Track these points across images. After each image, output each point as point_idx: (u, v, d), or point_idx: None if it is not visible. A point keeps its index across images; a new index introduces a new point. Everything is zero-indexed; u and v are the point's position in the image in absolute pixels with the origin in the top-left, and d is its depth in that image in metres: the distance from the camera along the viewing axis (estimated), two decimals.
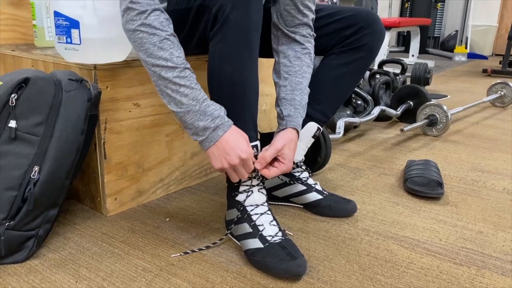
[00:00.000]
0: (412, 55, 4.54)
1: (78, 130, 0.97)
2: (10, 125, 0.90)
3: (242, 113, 0.97)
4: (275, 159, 1.03)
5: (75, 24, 1.02)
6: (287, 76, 1.13)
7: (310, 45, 1.16)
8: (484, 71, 4.12)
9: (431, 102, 2.04)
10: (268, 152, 1.00)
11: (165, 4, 0.90)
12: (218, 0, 0.90)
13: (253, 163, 0.97)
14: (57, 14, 1.04)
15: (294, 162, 1.23)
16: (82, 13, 1.01)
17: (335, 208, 1.19)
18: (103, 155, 1.12)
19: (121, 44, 1.08)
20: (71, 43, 1.04)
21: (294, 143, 1.06)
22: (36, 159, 0.91)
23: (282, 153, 1.02)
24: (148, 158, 1.24)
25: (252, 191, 1.01)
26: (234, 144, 0.92)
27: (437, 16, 5.74)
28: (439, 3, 5.70)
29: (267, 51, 1.27)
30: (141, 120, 1.20)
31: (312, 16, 1.15)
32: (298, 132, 1.09)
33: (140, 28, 0.88)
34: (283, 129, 1.07)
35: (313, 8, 1.16)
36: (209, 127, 0.91)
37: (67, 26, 1.03)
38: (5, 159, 0.90)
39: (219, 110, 0.92)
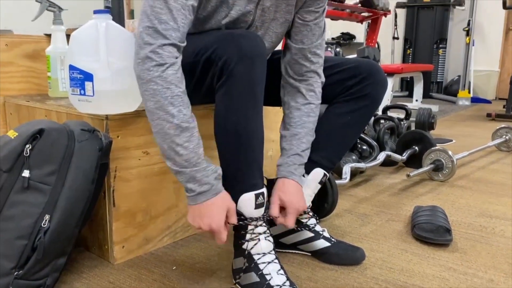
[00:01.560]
0: (416, 100, 4.60)
1: (89, 179, 0.99)
2: (23, 174, 0.93)
3: (248, 162, 1.00)
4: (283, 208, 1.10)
5: (89, 77, 1.06)
6: (288, 127, 1.19)
7: (314, 95, 1.20)
8: (488, 115, 4.15)
9: (436, 147, 2.05)
10: (271, 210, 1.11)
11: (181, 57, 0.94)
12: (224, 55, 0.94)
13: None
14: (72, 68, 1.09)
15: None
16: (96, 67, 1.06)
17: (344, 256, 1.18)
18: (112, 203, 1.14)
19: (133, 95, 1.12)
20: (84, 94, 1.08)
21: (290, 188, 1.14)
22: (47, 208, 0.93)
23: (284, 201, 1.11)
24: (155, 205, 1.25)
25: (259, 239, 1.01)
26: (211, 213, 0.95)
27: (439, 61, 5.86)
28: (441, 49, 5.84)
29: (274, 100, 1.31)
30: (150, 167, 1.22)
31: (321, 62, 1.20)
32: (291, 179, 1.15)
33: (156, 80, 0.90)
34: (276, 180, 1.16)
35: (322, 54, 1.20)
36: (195, 191, 0.95)
37: (81, 79, 1.07)
38: (17, 208, 0.91)
39: (210, 176, 0.95)
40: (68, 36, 1.36)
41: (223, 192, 0.97)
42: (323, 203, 1.47)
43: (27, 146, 0.94)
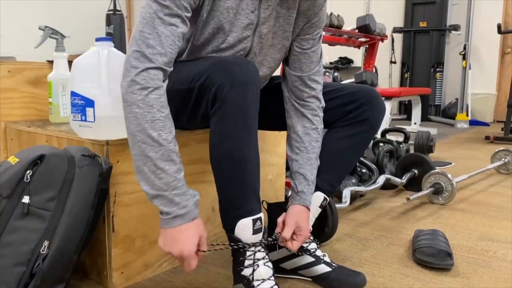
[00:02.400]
0: (415, 123, 4.63)
1: (88, 205, 0.99)
2: (23, 200, 0.93)
3: (244, 187, 1.00)
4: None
5: (90, 103, 1.07)
6: (299, 151, 1.20)
7: (318, 119, 1.22)
8: (487, 138, 4.17)
9: (436, 170, 2.06)
10: (286, 232, 1.11)
11: (166, 82, 0.95)
12: (217, 81, 0.96)
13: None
14: (73, 94, 1.10)
15: None
16: (97, 93, 1.08)
17: (345, 281, 1.17)
18: (111, 228, 1.13)
19: None
20: (85, 120, 1.09)
21: (306, 215, 1.17)
22: (46, 234, 0.93)
23: (297, 227, 1.12)
24: (155, 230, 1.24)
25: (258, 265, 1.00)
26: (184, 239, 0.93)
27: (437, 85, 5.91)
28: (438, 73, 5.90)
29: (274, 125, 1.33)
30: None
31: (320, 88, 1.22)
32: (308, 208, 1.18)
33: (138, 103, 0.90)
34: (294, 205, 1.16)
35: (321, 81, 1.23)
36: (171, 213, 0.92)
37: (82, 105, 1.09)
38: (16, 235, 0.91)
39: (189, 200, 0.94)
40: (70, 62, 1.39)
41: (198, 219, 0.96)
42: (323, 227, 1.46)
43: (28, 172, 0.94)
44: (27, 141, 1.39)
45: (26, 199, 0.93)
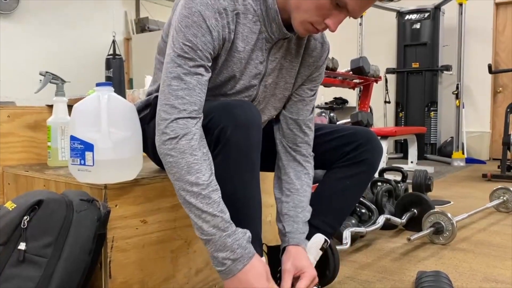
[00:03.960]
0: (411, 162, 4.65)
1: (86, 251, 0.97)
2: (19, 247, 0.91)
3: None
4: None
5: (89, 147, 1.08)
6: (289, 193, 1.19)
7: (310, 166, 1.23)
8: (484, 176, 4.18)
9: (435, 210, 2.05)
10: (285, 282, 1.07)
11: (198, 126, 0.97)
12: (220, 123, 0.97)
13: None
14: (73, 138, 1.10)
15: None
16: (97, 137, 1.08)
17: None
18: (108, 275, 1.11)
19: (132, 163, 1.13)
20: (84, 164, 1.09)
21: (301, 253, 1.13)
22: (42, 282, 0.90)
23: (296, 269, 1.09)
24: (152, 276, 1.22)
25: None
26: (253, 279, 0.93)
27: (432, 123, 5.98)
28: (432, 112, 5.98)
29: (273, 166, 1.33)
30: (147, 236, 1.20)
31: (312, 135, 1.24)
32: (301, 246, 1.15)
33: (171, 153, 0.93)
34: (286, 247, 1.14)
35: (313, 128, 1.25)
36: (228, 259, 0.92)
37: (81, 149, 1.09)
38: (11, 283, 0.89)
39: (240, 239, 0.93)
40: (69, 106, 1.40)
41: (256, 255, 0.96)
42: (324, 270, 1.43)
43: (25, 217, 0.93)
44: (24, 185, 1.39)
45: (22, 246, 0.91)
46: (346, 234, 1.71)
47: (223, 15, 1.00)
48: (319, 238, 1.22)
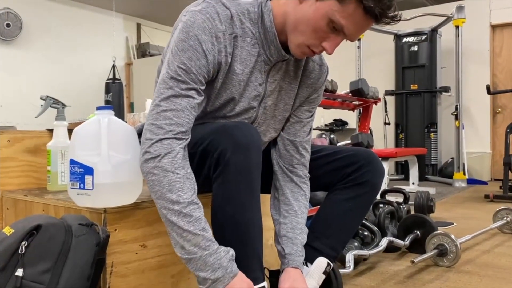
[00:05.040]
0: (413, 183, 4.63)
1: (84, 276, 0.95)
2: (17, 273, 0.90)
3: (247, 254, 0.98)
4: None
5: (89, 170, 1.07)
6: (287, 214, 1.18)
7: (306, 187, 1.23)
8: (486, 196, 4.15)
9: (438, 232, 2.02)
10: None
11: (181, 146, 0.97)
12: (219, 145, 0.97)
13: None
14: (72, 162, 1.10)
15: None
16: (97, 160, 1.07)
17: None
18: None
19: (132, 187, 1.12)
20: (84, 188, 1.08)
21: (301, 277, 1.12)
22: None
23: None
24: None
25: None
26: None
27: (432, 144, 5.97)
28: (432, 133, 5.99)
29: (268, 187, 1.32)
30: (147, 261, 1.18)
31: (308, 157, 1.24)
32: (300, 269, 1.13)
33: (153, 171, 0.93)
34: (285, 269, 1.12)
35: (309, 150, 1.26)
36: (209, 279, 0.91)
37: (81, 173, 1.08)
38: None
39: (222, 259, 0.92)
40: (69, 130, 1.40)
41: (239, 273, 0.94)
42: None
43: (23, 243, 0.92)
44: (23, 210, 1.37)
45: (19, 272, 0.89)
46: (349, 257, 1.68)
47: (220, 39, 1.01)
48: (322, 262, 1.20)
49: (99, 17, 6.64)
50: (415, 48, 5.91)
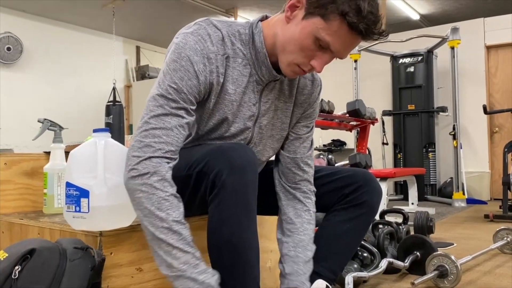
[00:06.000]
0: (412, 203, 4.61)
1: None
2: None
3: (244, 277, 0.97)
4: None
5: (85, 193, 1.07)
6: (290, 233, 1.17)
7: (310, 202, 1.21)
8: (486, 216, 4.13)
9: (439, 252, 2.00)
10: None
11: (169, 165, 0.97)
12: (215, 167, 0.97)
13: None
14: (68, 185, 1.09)
15: None
16: (93, 183, 1.07)
17: None
18: None
19: (128, 209, 1.11)
20: (79, 211, 1.08)
21: None
22: None
23: None
24: None
25: None
26: None
27: (431, 164, 5.97)
28: (430, 153, 5.99)
29: (271, 209, 1.31)
30: (143, 285, 1.16)
31: (311, 172, 1.23)
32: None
33: (140, 188, 0.92)
34: None
35: (312, 164, 1.24)
36: None
37: (77, 195, 1.08)
38: None
39: (210, 279, 0.91)
40: (66, 153, 1.40)
41: None
42: None
43: (16, 267, 0.90)
44: (18, 234, 1.36)
45: None
46: (348, 280, 1.66)
47: (211, 60, 1.02)
48: (320, 284, 1.19)
49: (99, 40, 6.72)
50: (412, 69, 5.97)
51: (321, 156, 4.30)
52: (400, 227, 2.47)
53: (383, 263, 1.93)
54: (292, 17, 1.01)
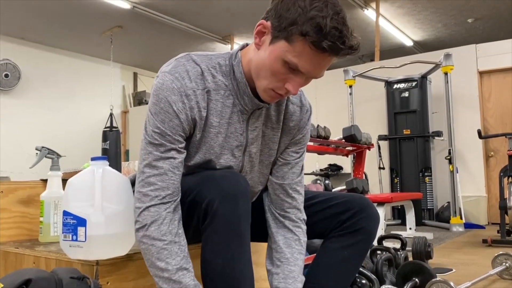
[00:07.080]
0: (410, 228, 4.59)
1: None
2: None
3: None
4: None
5: (82, 222, 1.06)
6: (279, 263, 1.15)
7: (301, 231, 1.20)
8: (484, 241, 4.11)
9: (437, 279, 1.99)
10: None
11: (167, 210, 1.00)
12: (207, 196, 0.97)
13: None
14: (65, 213, 1.09)
15: None
16: (90, 211, 1.07)
17: None
18: None
19: (125, 238, 1.11)
20: (76, 240, 1.07)
21: None
22: None
23: None
24: None
25: None
26: None
27: (427, 189, 5.96)
28: (427, 177, 6.00)
29: (266, 236, 1.30)
30: None
31: (301, 199, 1.22)
32: None
33: (142, 240, 0.97)
34: None
35: (302, 191, 1.23)
36: None
37: (74, 224, 1.07)
38: None
39: None
40: (64, 180, 1.40)
41: None
42: None
43: None
44: (13, 263, 1.34)
45: None
46: None
47: (190, 97, 1.03)
48: None
49: (97, 67, 6.79)
50: (406, 94, 6.04)
51: (318, 182, 4.30)
52: (398, 253, 2.45)
53: None
54: (261, 43, 1.03)
